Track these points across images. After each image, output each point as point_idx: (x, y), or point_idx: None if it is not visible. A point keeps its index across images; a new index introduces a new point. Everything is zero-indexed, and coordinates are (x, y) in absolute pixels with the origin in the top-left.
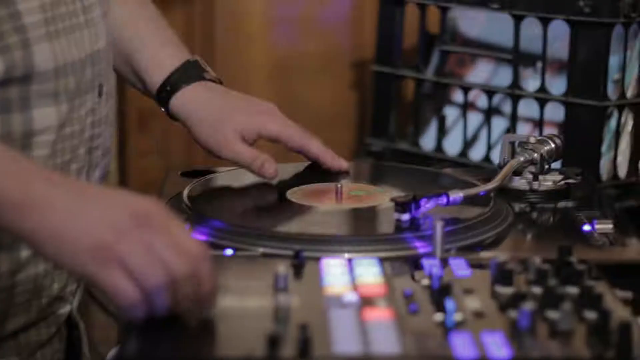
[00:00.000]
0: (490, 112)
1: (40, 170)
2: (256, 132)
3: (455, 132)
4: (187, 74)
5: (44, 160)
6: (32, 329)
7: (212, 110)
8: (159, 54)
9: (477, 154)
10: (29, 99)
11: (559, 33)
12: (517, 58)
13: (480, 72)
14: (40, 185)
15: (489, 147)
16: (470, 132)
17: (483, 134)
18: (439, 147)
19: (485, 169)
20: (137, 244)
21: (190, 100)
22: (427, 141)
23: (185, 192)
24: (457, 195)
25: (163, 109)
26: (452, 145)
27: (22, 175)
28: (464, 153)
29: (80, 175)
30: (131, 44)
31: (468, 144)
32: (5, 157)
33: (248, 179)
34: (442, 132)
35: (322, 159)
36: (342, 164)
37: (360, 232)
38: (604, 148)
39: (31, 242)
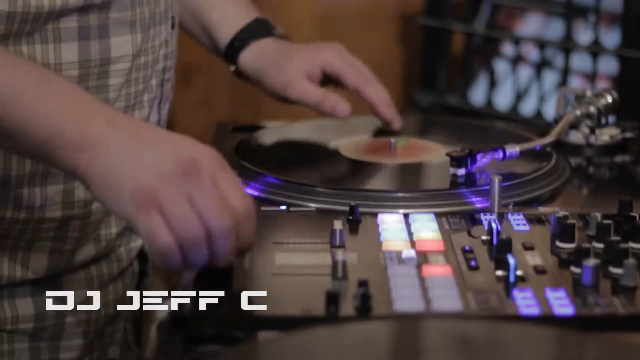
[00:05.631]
0: (541, 66)
1: (102, 109)
2: (319, 67)
3: (505, 86)
4: (257, 29)
5: (118, 88)
6: (103, 262)
7: (276, 55)
8: (230, 11)
9: (527, 108)
10: (107, 26)
11: None
12: (569, 10)
13: (531, 25)
14: (99, 126)
15: (541, 101)
16: (520, 86)
17: (533, 88)
18: (488, 102)
19: (537, 124)
20: (180, 193)
21: (259, 53)
22: (477, 95)
23: (237, 147)
24: (513, 149)
25: (231, 67)
26: (502, 100)
27: (82, 114)
28: (514, 107)
29: (152, 107)
30: (201, 1)
31: (519, 98)
32: (67, 93)
33: (299, 133)
34: (492, 86)
35: (376, 104)
36: (393, 117)
37: (416, 187)
38: None
39: (81, 179)
